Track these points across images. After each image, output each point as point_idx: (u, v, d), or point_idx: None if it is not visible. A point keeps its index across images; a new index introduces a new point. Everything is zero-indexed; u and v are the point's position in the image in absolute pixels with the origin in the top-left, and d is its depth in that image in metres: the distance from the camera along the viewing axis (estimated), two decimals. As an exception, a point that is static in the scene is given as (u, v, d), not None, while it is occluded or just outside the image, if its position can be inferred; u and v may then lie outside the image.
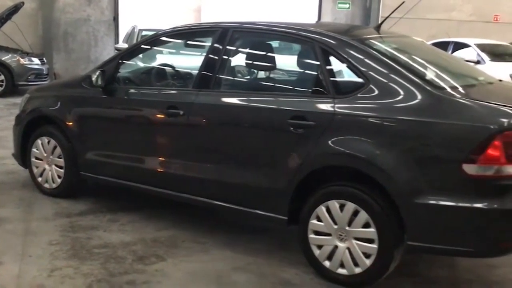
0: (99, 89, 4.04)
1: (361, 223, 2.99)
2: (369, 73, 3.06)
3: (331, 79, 3.21)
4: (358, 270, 3.03)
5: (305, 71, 3.75)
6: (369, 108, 3.00)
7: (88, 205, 4.31)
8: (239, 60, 3.87)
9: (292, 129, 3.18)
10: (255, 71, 4.09)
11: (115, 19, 13.51)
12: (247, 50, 3.84)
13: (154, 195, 3.95)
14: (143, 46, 4.33)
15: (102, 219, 4.04)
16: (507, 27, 14.90)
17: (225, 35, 3.64)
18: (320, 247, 3.17)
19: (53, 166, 4.40)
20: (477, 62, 10.78)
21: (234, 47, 3.75)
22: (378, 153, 2.92)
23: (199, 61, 3.75)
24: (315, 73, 3.42)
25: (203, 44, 4.13)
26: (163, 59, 5.13)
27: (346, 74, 3.30)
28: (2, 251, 3.42)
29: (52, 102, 4.40)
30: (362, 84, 3.07)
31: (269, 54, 3.70)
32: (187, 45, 4.54)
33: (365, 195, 2.96)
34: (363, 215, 2.98)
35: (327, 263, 3.14)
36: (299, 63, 3.73)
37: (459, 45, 11.64)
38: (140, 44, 4.40)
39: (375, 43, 3.36)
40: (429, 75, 3.21)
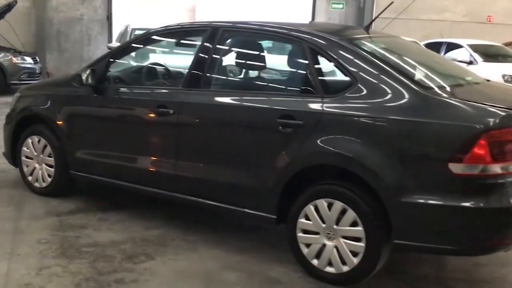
0: (89, 88, 4.04)
1: (348, 222, 3.01)
2: (357, 72, 3.08)
3: (319, 79, 3.23)
4: (345, 268, 3.05)
5: (294, 71, 3.76)
6: (357, 108, 3.02)
7: (78, 204, 4.30)
8: (229, 59, 3.88)
9: (281, 128, 3.19)
10: (245, 70, 4.10)
11: (109, 18, 13.50)
12: (237, 49, 3.85)
13: (144, 194, 3.96)
14: (133, 45, 4.33)
15: (92, 218, 4.04)
16: (500, 28, 14.98)
17: (215, 34, 3.64)
18: (308, 245, 3.18)
19: (43, 165, 4.39)
20: (470, 63, 10.85)
21: (224, 47, 3.75)
22: (365, 152, 2.93)
23: (190, 60, 3.75)
24: (304, 72, 3.44)
25: (194, 43, 4.14)
26: (154, 58, 5.13)
27: (335, 73, 3.31)
28: (-9, 250, 3.42)
29: (42, 101, 4.40)
30: (350, 83, 3.09)
31: (258, 53, 3.72)
32: (178, 44, 4.55)
33: (352, 194, 2.98)
34: (350, 214, 2.99)
35: (315, 262, 3.16)
36: (288, 63, 3.75)
37: (452, 46, 11.71)
38: (131, 43, 4.40)
39: (363, 43, 3.38)
40: (417, 75, 3.23)
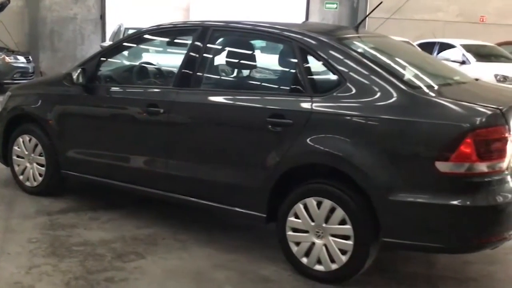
0: (80, 87, 4.04)
1: (337, 220, 3.03)
2: (345, 72, 3.10)
3: (308, 78, 3.24)
4: (334, 266, 3.07)
5: (284, 70, 3.77)
6: (346, 107, 3.04)
7: (69, 203, 4.31)
8: (219, 59, 3.89)
9: (270, 127, 3.20)
10: (235, 70, 4.11)
11: (102, 17, 13.49)
12: (227, 48, 3.86)
13: (136, 193, 3.96)
14: (125, 44, 4.33)
15: (83, 217, 4.04)
16: (493, 28, 15.05)
17: (205, 34, 3.65)
18: (298, 244, 3.20)
19: (34, 164, 4.39)
20: (463, 63, 10.91)
21: (214, 46, 3.76)
22: (353, 151, 2.95)
23: (180, 59, 3.76)
24: (293, 72, 3.45)
25: (185, 43, 4.14)
26: (145, 57, 5.13)
27: (324, 73, 3.33)
28: (-19, 249, 3.42)
29: (33, 100, 4.39)
30: (339, 83, 3.11)
31: (248, 53, 3.73)
32: (169, 43, 4.55)
33: (341, 193, 3.00)
34: (339, 212, 3.01)
35: (304, 260, 3.17)
36: (278, 62, 3.75)
37: (445, 46, 11.75)
38: (122, 42, 4.40)
39: (352, 42, 3.40)
40: (405, 74, 3.25)
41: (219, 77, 4.05)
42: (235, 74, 4.12)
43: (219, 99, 3.54)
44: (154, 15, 12.82)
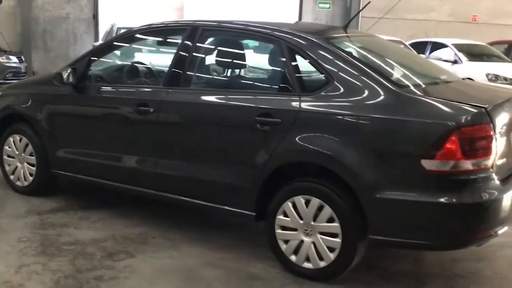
0: (70, 87, 4.04)
1: (325, 218, 3.05)
2: (333, 71, 3.12)
3: (296, 77, 3.26)
4: (323, 264, 3.09)
5: (273, 70, 3.79)
6: (333, 106, 3.06)
7: (59, 203, 4.31)
8: (209, 58, 3.90)
9: (259, 126, 3.22)
10: (225, 69, 4.13)
11: (95, 17, 13.46)
12: (217, 48, 3.88)
13: (126, 192, 3.97)
14: (115, 44, 4.34)
15: (73, 216, 4.05)
16: (486, 27, 15.13)
17: (195, 33, 3.67)
18: (286, 242, 3.22)
19: (25, 164, 4.39)
20: (455, 62, 10.96)
21: (204, 46, 3.78)
22: (341, 149, 2.97)
23: (171, 59, 3.77)
24: (282, 71, 3.47)
25: (175, 42, 4.16)
26: (136, 57, 5.14)
27: (312, 72, 3.35)
28: (-30, 248, 3.42)
29: (24, 100, 4.39)
30: (326, 82, 3.13)
31: (238, 52, 3.74)
32: (160, 42, 4.56)
33: (329, 191, 3.02)
34: (327, 210, 3.04)
35: (293, 258, 3.20)
36: (268, 62, 3.76)
37: (437, 45, 11.80)
38: (112, 42, 4.41)
39: (341, 42, 3.42)
40: (392, 73, 3.28)
41: (208, 76, 4.07)
42: (224, 73, 4.14)
43: (209, 98, 3.56)
44: (148, 14, 12.82)
